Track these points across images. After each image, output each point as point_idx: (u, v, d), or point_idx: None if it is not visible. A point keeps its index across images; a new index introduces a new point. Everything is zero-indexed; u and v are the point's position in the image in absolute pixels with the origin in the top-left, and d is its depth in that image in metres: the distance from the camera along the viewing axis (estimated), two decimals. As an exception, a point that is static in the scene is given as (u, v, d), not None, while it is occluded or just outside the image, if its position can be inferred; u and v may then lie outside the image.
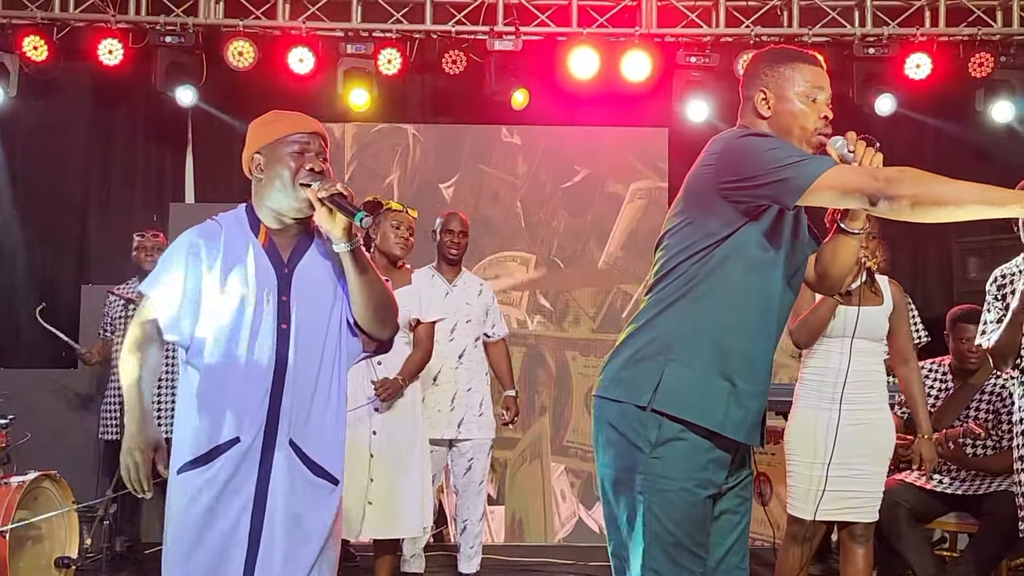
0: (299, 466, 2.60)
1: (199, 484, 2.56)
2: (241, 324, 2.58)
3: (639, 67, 6.76)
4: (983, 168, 7.05)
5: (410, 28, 6.88)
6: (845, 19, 6.92)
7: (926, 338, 5.85)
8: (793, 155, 2.37)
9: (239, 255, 2.62)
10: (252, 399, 2.57)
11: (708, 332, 2.45)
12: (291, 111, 2.78)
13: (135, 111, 7.13)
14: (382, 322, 2.70)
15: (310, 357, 2.62)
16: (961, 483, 4.73)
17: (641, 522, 2.44)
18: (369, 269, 2.64)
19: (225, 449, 2.55)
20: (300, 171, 2.62)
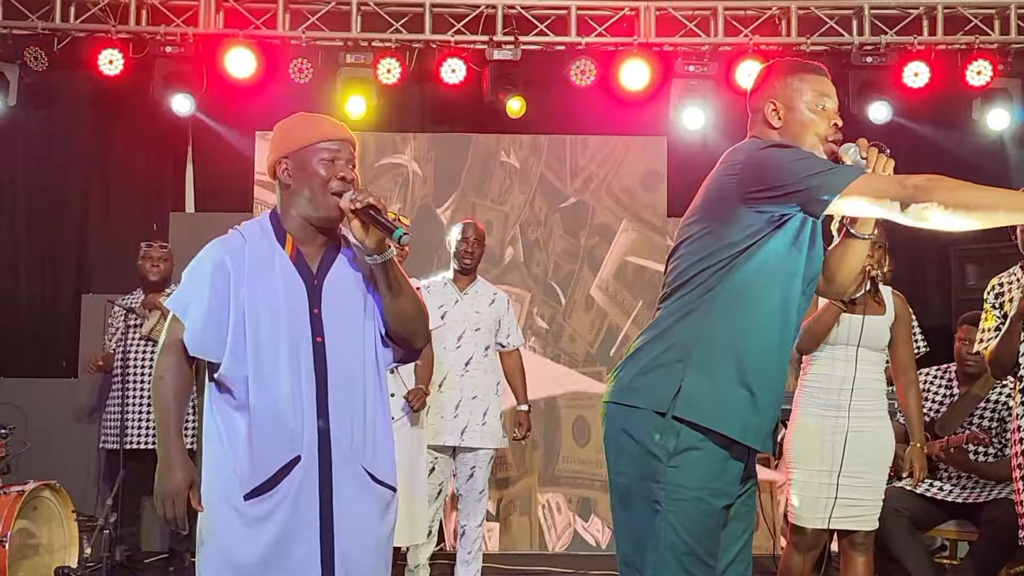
0: (359, 478, 2.55)
1: (266, 509, 2.47)
2: (277, 339, 2.50)
3: (637, 76, 6.77)
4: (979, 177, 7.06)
5: (409, 38, 6.90)
6: (843, 28, 6.94)
7: (926, 348, 5.84)
8: (820, 165, 2.41)
9: (267, 269, 2.54)
10: (301, 415, 2.49)
11: (727, 341, 2.46)
12: (319, 114, 2.71)
13: (135, 121, 7.15)
14: (415, 333, 2.64)
15: (349, 369, 2.55)
16: (961, 491, 4.73)
17: (656, 531, 2.44)
18: (402, 280, 2.57)
19: (290, 469, 2.47)
20: (332, 180, 2.54)
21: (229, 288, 2.51)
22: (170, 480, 2.51)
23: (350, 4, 6.85)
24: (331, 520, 2.49)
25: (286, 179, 2.58)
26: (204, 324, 2.50)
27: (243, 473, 2.47)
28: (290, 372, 2.48)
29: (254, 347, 2.49)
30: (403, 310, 2.58)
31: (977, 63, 6.75)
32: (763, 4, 6.98)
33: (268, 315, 2.50)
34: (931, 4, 6.88)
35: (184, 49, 6.66)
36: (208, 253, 2.58)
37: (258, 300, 2.50)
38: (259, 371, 2.48)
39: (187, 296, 2.55)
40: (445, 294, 5.12)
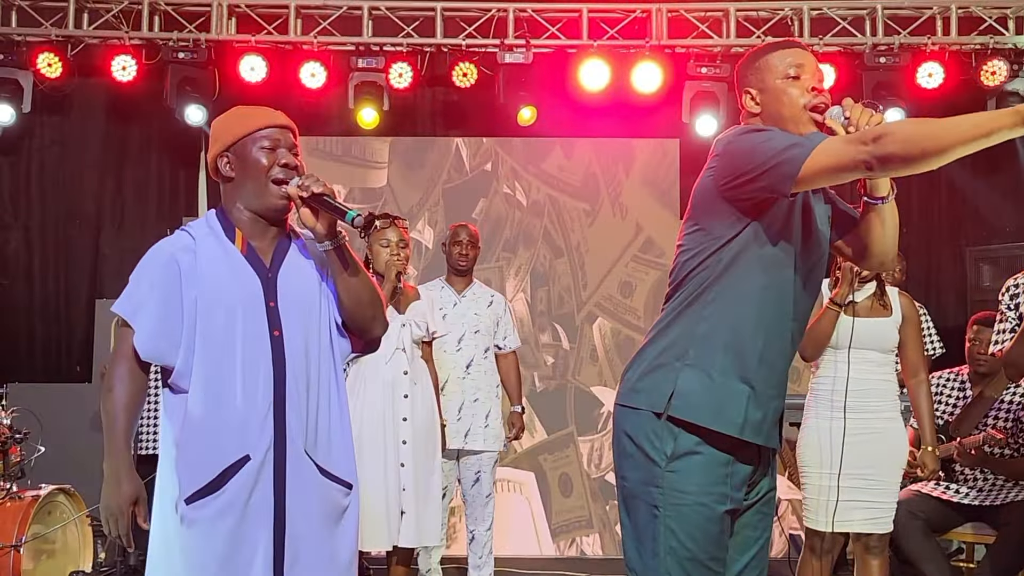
0: (315, 476, 2.47)
1: (213, 512, 2.37)
2: (232, 337, 2.42)
3: (650, 78, 6.75)
4: (997, 176, 7.04)
5: (421, 42, 6.90)
6: (856, 29, 6.91)
7: (941, 350, 5.82)
8: (785, 142, 2.31)
9: (218, 265, 2.47)
10: (256, 413, 2.41)
11: (722, 335, 2.42)
12: (253, 106, 2.66)
13: (149, 126, 7.18)
14: (372, 319, 2.59)
15: (307, 362, 2.49)
16: (978, 493, 4.70)
17: (657, 536, 2.40)
18: (356, 265, 2.53)
19: (236, 470, 2.38)
20: (273, 168, 2.49)
21: (180, 288, 2.44)
22: (115, 495, 2.42)
23: (361, 9, 6.86)
24: (283, 523, 2.42)
25: (228, 172, 2.53)
26: (155, 327, 2.43)
27: (185, 476, 2.39)
28: (245, 369, 2.42)
29: (208, 346, 2.41)
30: (359, 296, 2.54)
31: (992, 63, 6.70)
32: (775, 5, 6.95)
33: (222, 312, 2.43)
34: (945, 4, 6.84)
35: (196, 55, 6.68)
36: (155, 253, 2.50)
37: (211, 298, 2.43)
38: (212, 371, 2.41)
39: (135, 299, 2.46)
40: (443, 298, 5.12)
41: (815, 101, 2.47)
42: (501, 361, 5.31)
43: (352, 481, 2.56)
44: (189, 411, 2.41)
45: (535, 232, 7.09)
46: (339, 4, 6.89)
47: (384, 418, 4.36)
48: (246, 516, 2.38)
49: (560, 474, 6.91)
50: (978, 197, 7.20)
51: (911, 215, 7.24)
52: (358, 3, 6.87)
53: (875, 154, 2.16)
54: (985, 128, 2.09)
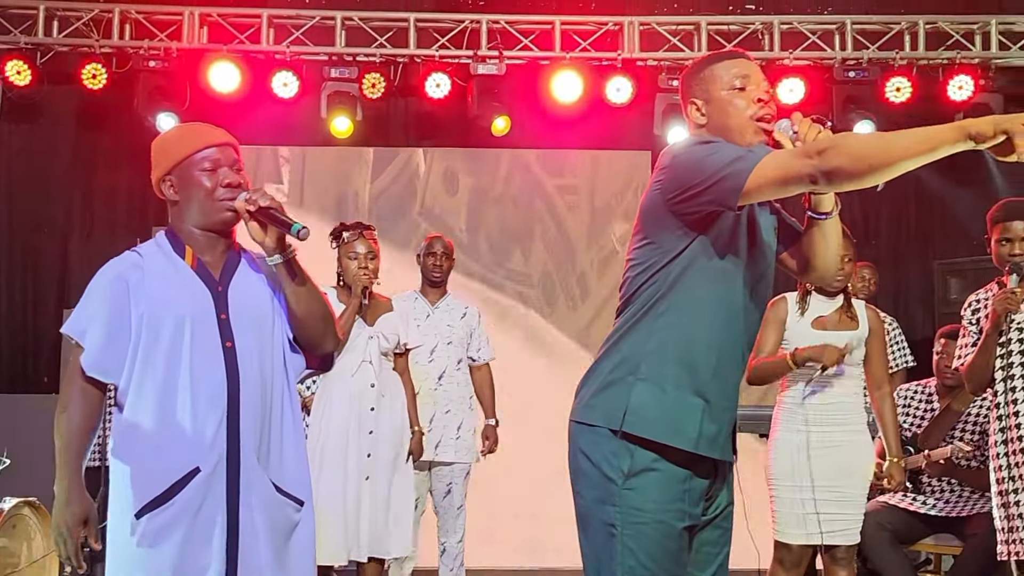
0: (267, 489, 2.46)
1: (163, 523, 2.36)
2: (180, 350, 2.41)
3: (622, 91, 6.80)
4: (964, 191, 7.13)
5: (394, 52, 6.91)
6: (826, 43, 6.98)
7: (912, 363, 5.86)
8: (730, 155, 2.29)
9: (167, 280, 2.47)
10: (208, 425, 2.40)
11: (673, 348, 2.38)
12: (196, 123, 2.66)
13: (118, 135, 7.12)
14: (323, 335, 2.58)
15: (259, 375, 2.48)
16: (945, 504, 4.74)
17: (615, 555, 2.36)
18: (306, 280, 2.53)
19: (186, 482, 2.37)
20: (217, 189, 2.48)
21: (128, 305, 2.44)
22: (64, 516, 2.42)
23: (334, 19, 6.86)
24: (236, 535, 2.40)
25: (172, 196, 2.53)
26: (103, 345, 2.43)
27: (136, 490, 2.38)
28: (196, 381, 2.41)
29: (155, 361, 2.41)
30: (309, 310, 2.53)
31: (959, 78, 6.80)
32: (746, 19, 7.02)
33: (170, 325, 2.42)
34: (913, 19, 6.94)
35: (168, 64, 6.65)
36: (103, 273, 2.51)
37: (158, 312, 2.43)
38: (160, 385, 2.41)
39: (84, 319, 2.46)
40: (416, 309, 5.11)
41: (761, 112, 2.45)
42: (475, 373, 5.30)
43: (304, 498, 2.55)
44: (138, 426, 2.41)
45: (510, 241, 7.09)
46: (312, 14, 6.89)
47: (348, 431, 4.35)
48: (196, 525, 2.37)
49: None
50: (946, 210, 7.28)
51: (880, 228, 7.32)
52: (331, 13, 6.87)
53: (821, 167, 2.15)
54: (929, 143, 2.08)
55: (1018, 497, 3.67)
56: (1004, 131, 2.01)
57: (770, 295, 2.58)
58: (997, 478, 3.74)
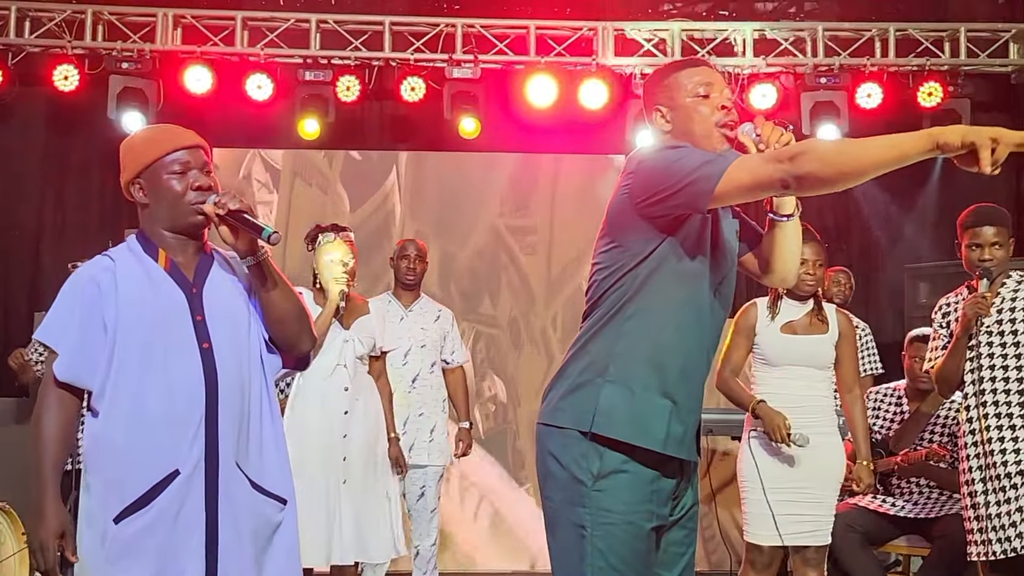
0: (247, 490, 2.44)
1: (141, 528, 2.34)
2: (155, 352, 2.40)
3: (596, 96, 6.83)
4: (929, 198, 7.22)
5: (369, 55, 6.91)
6: (797, 49, 7.05)
7: (881, 371, 5.92)
8: (699, 159, 2.32)
9: (140, 283, 2.45)
10: (186, 426, 2.38)
11: (642, 350, 2.41)
12: (165, 124, 2.66)
13: (91, 137, 7.07)
14: (298, 335, 2.57)
15: (237, 376, 2.46)
16: (914, 506, 4.79)
17: (584, 556, 2.38)
18: (279, 281, 2.52)
19: (164, 486, 2.35)
20: (187, 193, 2.46)
21: (100, 308, 2.42)
22: (40, 529, 2.38)
23: (309, 21, 6.86)
24: (216, 536, 2.38)
25: (142, 199, 2.50)
26: (74, 349, 2.41)
27: (113, 495, 2.35)
28: (173, 383, 2.39)
29: (129, 363, 2.39)
30: (283, 311, 2.53)
31: (928, 85, 6.89)
32: (719, 25, 7.09)
33: (144, 329, 2.41)
34: (883, 27, 7.02)
35: (141, 65, 6.62)
36: (74, 278, 2.49)
37: (131, 315, 2.41)
38: (136, 387, 2.38)
39: (56, 324, 2.45)
40: (390, 312, 5.10)
41: (725, 119, 2.49)
42: (448, 376, 5.30)
43: (287, 496, 2.54)
44: (113, 430, 2.38)
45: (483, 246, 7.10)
46: (286, 16, 6.88)
47: (323, 435, 4.32)
48: (176, 530, 2.35)
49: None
50: (915, 216, 7.37)
51: (850, 233, 7.39)
52: (306, 16, 6.87)
53: (792, 172, 2.18)
54: (899, 150, 2.11)
55: (987, 499, 3.72)
56: (971, 143, 2.04)
57: (732, 296, 2.62)
58: (966, 479, 3.79)
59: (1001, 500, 3.70)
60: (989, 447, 3.73)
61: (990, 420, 3.74)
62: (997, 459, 3.71)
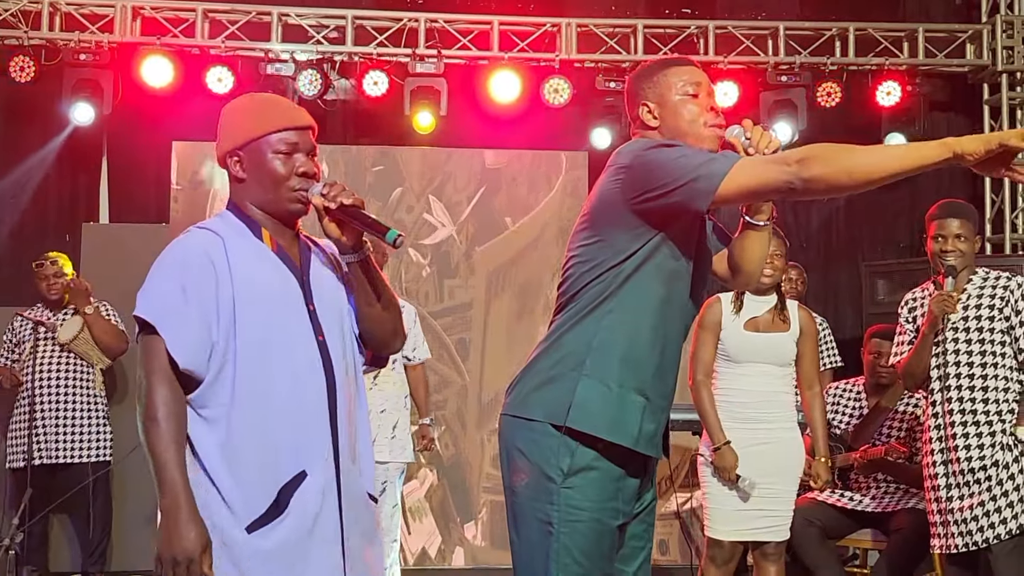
0: (362, 493, 2.27)
1: (277, 542, 2.09)
2: (278, 341, 2.16)
3: (559, 91, 6.84)
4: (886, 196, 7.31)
5: (331, 49, 6.87)
6: (759, 47, 7.11)
7: (840, 364, 5.99)
8: (700, 158, 2.31)
9: (252, 263, 2.20)
10: (314, 426, 2.17)
11: (619, 346, 2.40)
12: (274, 96, 2.42)
13: (47, 129, 6.97)
14: (393, 335, 2.38)
15: (345, 371, 2.26)
16: (872, 500, 4.84)
17: (550, 553, 2.37)
18: (380, 279, 2.31)
19: (294, 488, 2.12)
20: (291, 178, 2.23)
21: (215, 287, 2.14)
22: (181, 542, 2.03)
23: (271, 14, 6.80)
24: (343, 546, 2.17)
25: (239, 174, 2.26)
26: (196, 333, 2.12)
27: (238, 501, 2.09)
28: (297, 378, 2.16)
29: (249, 353, 2.14)
30: (382, 311, 2.32)
31: (887, 84, 6.97)
32: (681, 23, 7.12)
33: (264, 313, 2.16)
34: (843, 26, 7.09)
35: (99, 57, 6.53)
36: (183, 251, 2.20)
37: (250, 297, 2.15)
38: (256, 380, 2.13)
39: (164, 301, 2.13)
40: None
41: (715, 121, 2.51)
42: (410, 372, 5.27)
43: (376, 494, 2.38)
44: (231, 426, 2.12)
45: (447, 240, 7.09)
46: (248, 9, 6.82)
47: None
48: (313, 541, 2.13)
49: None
50: (874, 214, 7.46)
51: (810, 231, 7.47)
52: (267, 8, 6.81)
53: (800, 175, 2.17)
54: (912, 159, 2.13)
55: (950, 493, 3.79)
56: (997, 145, 2.04)
57: (705, 296, 2.63)
58: (930, 473, 3.86)
59: (965, 495, 3.76)
60: (953, 443, 3.79)
61: (955, 416, 3.79)
62: (961, 454, 3.77)
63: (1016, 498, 3.71)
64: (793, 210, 7.37)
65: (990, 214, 7.33)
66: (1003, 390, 3.79)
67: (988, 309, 3.82)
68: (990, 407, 3.78)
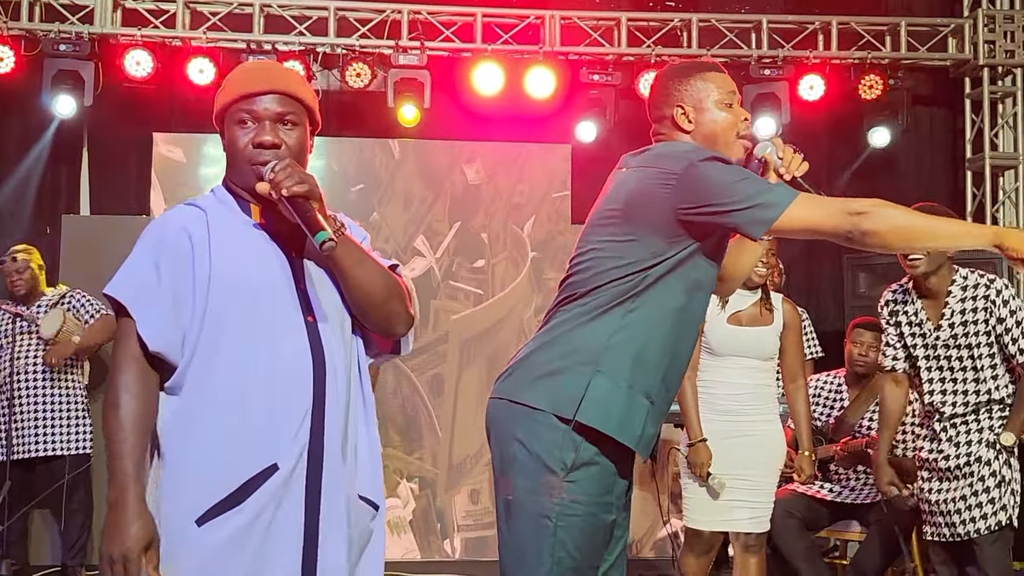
0: (351, 493, 2.08)
1: (230, 535, 1.94)
2: (260, 323, 2.00)
3: (543, 84, 6.84)
4: (868, 189, 7.33)
5: (313, 41, 6.85)
6: (742, 40, 7.12)
7: (820, 354, 6.02)
8: (761, 185, 2.36)
9: (237, 239, 2.06)
10: (292, 413, 1.99)
11: (634, 347, 2.39)
12: (261, 62, 2.31)
13: (27, 122, 6.91)
14: (386, 319, 2.14)
15: (343, 356, 2.09)
16: (851, 492, 4.87)
17: (543, 547, 2.35)
18: (363, 259, 2.10)
19: (260, 482, 1.95)
20: (247, 148, 2.07)
21: (191, 265, 2.01)
22: (122, 537, 1.91)
23: (253, 5, 6.77)
24: (315, 547, 1.99)
25: (224, 145, 2.15)
26: (168, 314, 1.98)
27: (195, 490, 1.95)
28: (278, 362, 2.00)
29: (228, 335, 1.99)
30: (366, 294, 2.10)
31: (869, 77, 6.99)
32: (665, 16, 7.12)
33: (247, 292, 2.01)
34: (826, 20, 7.11)
35: (79, 48, 6.48)
36: (159, 228, 2.07)
37: (231, 275, 2.01)
38: (233, 363, 1.99)
39: (136, 280, 2.01)
40: None
41: (747, 132, 2.57)
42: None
43: (379, 502, 2.17)
44: (201, 414, 1.98)
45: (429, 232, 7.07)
46: (229, 0, 6.78)
47: None
48: (269, 536, 1.96)
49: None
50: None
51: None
52: (249, 0, 6.77)
53: (860, 227, 2.28)
54: (960, 240, 2.40)
55: (931, 485, 3.91)
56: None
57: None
58: (920, 465, 3.96)
59: (946, 488, 3.84)
60: (939, 446, 3.87)
61: (945, 422, 3.86)
62: (949, 451, 3.84)
63: (998, 495, 3.76)
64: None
65: (972, 207, 7.37)
66: (996, 401, 3.84)
67: (972, 314, 3.82)
68: (981, 416, 3.84)
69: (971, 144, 7.40)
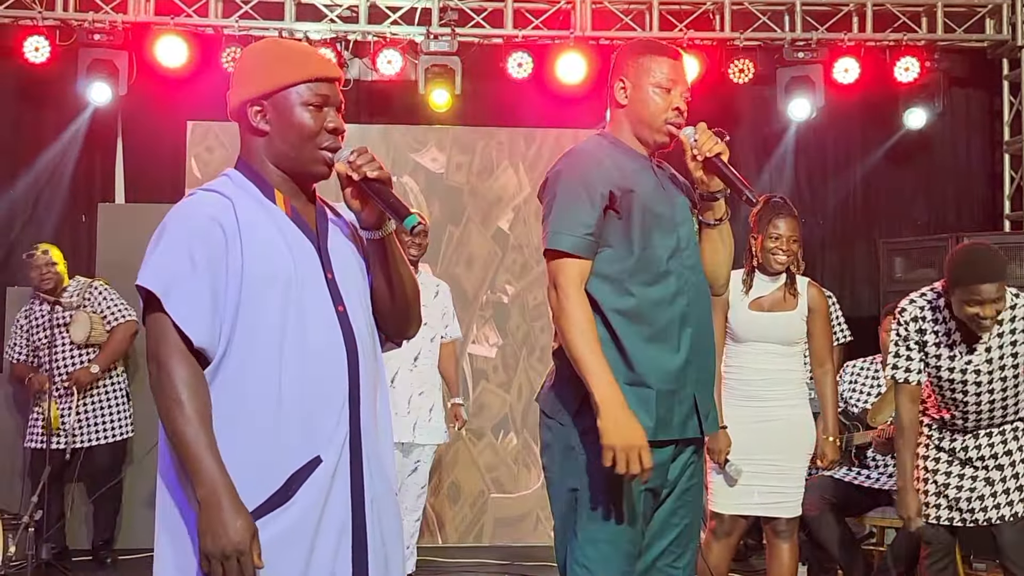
0: (386, 483, 2.08)
1: (281, 530, 1.91)
2: (293, 314, 1.97)
3: (574, 69, 6.81)
4: (904, 173, 7.26)
5: (345, 28, 6.86)
6: (776, 23, 7.04)
7: (850, 338, 5.95)
8: (564, 217, 2.56)
9: (265, 229, 2.00)
10: (331, 405, 1.98)
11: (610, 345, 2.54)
12: (298, 43, 2.24)
13: (63, 109, 6.98)
14: (408, 320, 2.19)
15: (368, 347, 2.07)
16: (888, 478, 4.82)
17: (572, 517, 2.51)
18: (401, 261, 2.12)
19: (305, 476, 1.92)
20: (322, 133, 2.03)
21: (226, 256, 1.95)
22: (230, 534, 1.84)
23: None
24: (364, 541, 1.98)
25: (261, 126, 2.04)
26: (209, 308, 1.93)
27: (242, 487, 1.89)
28: (314, 354, 1.97)
29: (263, 327, 1.95)
30: (401, 293, 2.13)
31: (905, 60, 6.90)
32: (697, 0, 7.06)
33: (279, 284, 1.97)
34: (861, 1, 7.02)
35: (113, 37, 6.53)
36: (189, 217, 1.99)
37: (263, 267, 1.96)
38: (271, 357, 1.95)
39: (170, 272, 1.93)
40: None
41: (674, 120, 2.62)
42: (442, 350, 5.22)
43: (396, 488, 2.18)
44: (239, 409, 1.93)
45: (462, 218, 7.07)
46: (261, -12, 6.80)
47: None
48: (320, 532, 1.94)
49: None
50: (891, 191, 7.40)
51: (827, 208, 7.41)
52: (280, -12, 6.80)
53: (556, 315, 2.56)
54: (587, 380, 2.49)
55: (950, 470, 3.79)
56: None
57: None
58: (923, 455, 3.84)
59: (968, 475, 3.73)
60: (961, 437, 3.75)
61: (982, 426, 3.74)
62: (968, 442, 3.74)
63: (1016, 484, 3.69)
64: (811, 187, 7.32)
65: (1010, 191, 7.26)
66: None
67: (1011, 335, 3.62)
68: (1018, 423, 3.74)
69: (1009, 126, 7.29)
